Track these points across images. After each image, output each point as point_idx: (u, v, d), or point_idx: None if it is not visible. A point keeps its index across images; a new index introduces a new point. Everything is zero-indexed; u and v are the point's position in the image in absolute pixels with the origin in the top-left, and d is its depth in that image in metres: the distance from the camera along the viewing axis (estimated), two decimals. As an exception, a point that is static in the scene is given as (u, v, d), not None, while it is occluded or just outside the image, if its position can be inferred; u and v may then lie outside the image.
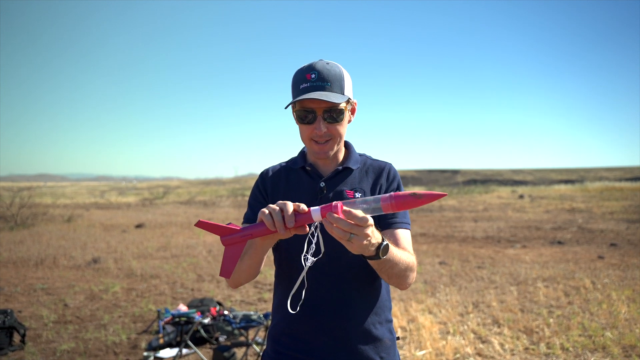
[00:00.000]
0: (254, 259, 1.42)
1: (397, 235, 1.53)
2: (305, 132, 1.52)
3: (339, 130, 1.52)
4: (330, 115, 1.48)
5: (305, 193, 1.57)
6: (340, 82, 1.49)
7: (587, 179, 55.24)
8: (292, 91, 1.53)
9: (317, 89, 1.45)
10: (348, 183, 1.58)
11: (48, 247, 11.44)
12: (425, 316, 5.52)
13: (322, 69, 1.47)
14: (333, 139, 1.52)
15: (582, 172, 69.21)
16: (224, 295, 6.77)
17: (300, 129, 1.55)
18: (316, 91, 1.45)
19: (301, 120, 1.51)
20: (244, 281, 1.51)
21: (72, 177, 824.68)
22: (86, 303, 6.45)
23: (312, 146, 1.54)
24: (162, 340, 4.74)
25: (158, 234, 14.46)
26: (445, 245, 11.32)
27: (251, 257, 1.41)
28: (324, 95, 1.43)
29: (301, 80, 1.48)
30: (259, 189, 1.65)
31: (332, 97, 1.44)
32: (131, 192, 54.45)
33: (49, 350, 4.72)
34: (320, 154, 1.54)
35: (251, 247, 1.40)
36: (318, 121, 1.48)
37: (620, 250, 10.14)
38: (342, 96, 1.47)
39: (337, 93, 1.47)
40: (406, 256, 1.41)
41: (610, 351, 4.36)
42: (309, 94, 1.43)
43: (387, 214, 1.54)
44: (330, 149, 1.54)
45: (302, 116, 1.50)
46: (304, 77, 1.48)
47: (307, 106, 1.48)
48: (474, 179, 63.70)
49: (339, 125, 1.51)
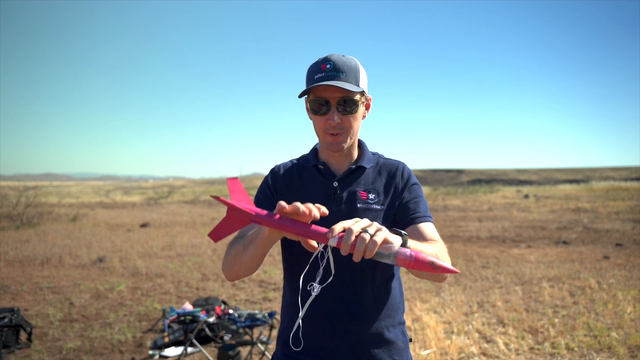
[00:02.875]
0: (258, 251, 1.31)
1: (421, 229, 1.46)
2: (319, 123, 1.49)
3: (352, 123, 1.49)
4: (344, 107, 1.45)
5: (318, 193, 1.54)
6: (356, 74, 1.46)
7: (593, 179, 54.97)
8: (307, 83, 1.50)
9: (331, 78, 1.42)
10: (361, 183, 1.55)
11: (54, 246, 11.50)
12: (430, 316, 5.51)
13: (338, 60, 1.45)
14: (346, 132, 1.49)
15: (588, 171, 68.90)
16: (228, 294, 6.78)
17: (313, 121, 1.53)
18: (330, 80, 1.42)
19: (315, 111, 1.48)
20: (242, 275, 1.43)
21: (77, 177, 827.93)
22: (92, 302, 6.49)
23: (326, 138, 1.50)
24: (167, 339, 4.76)
25: (163, 233, 14.49)
26: (450, 245, 11.29)
27: (255, 249, 1.31)
28: (339, 83, 1.40)
29: (316, 71, 1.46)
30: (268, 185, 1.62)
31: (347, 85, 1.41)
32: (136, 191, 54.59)
33: (55, 348, 4.74)
34: (333, 145, 1.50)
35: (257, 238, 1.29)
36: (332, 112, 1.45)
37: (626, 250, 10.08)
38: (357, 87, 1.44)
39: (352, 83, 1.44)
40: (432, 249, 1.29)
41: (616, 351, 4.34)
42: (324, 82, 1.41)
43: (407, 209, 1.50)
44: (344, 141, 1.50)
45: (315, 107, 1.47)
46: (319, 68, 1.45)
47: (320, 96, 1.45)
48: (479, 179, 63.53)
49: (353, 117, 1.48)
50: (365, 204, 1.51)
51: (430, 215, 1.54)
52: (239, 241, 1.43)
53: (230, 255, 1.45)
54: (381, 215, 1.51)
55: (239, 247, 1.40)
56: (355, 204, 1.50)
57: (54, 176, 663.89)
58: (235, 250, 1.41)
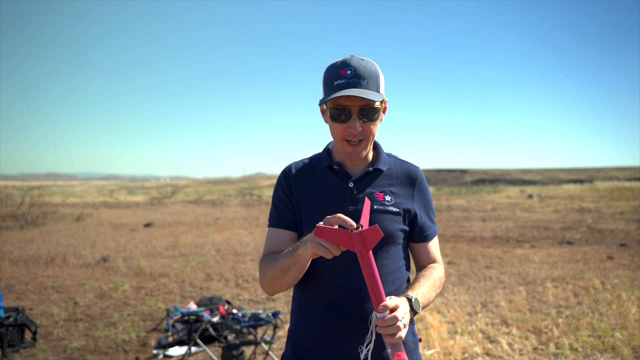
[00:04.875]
0: (299, 274, 1.40)
1: (429, 248, 1.61)
2: (338, 131, 1.46)
3: (373, 130, 1.46)
4: (365, 115, 1.42)
5: (334, 193, 1.52)
6: (376, 80, 1.43)
7: (597, 179, 54.75)
8: (325, 88, 1.46)
9: (353, 85, 1.38)
10: (378, 185, 1.53)
11: (58, 246, 11.55)
12: (434, 315, 5.51)
13: (358, 65, 1.41)
14: (366, 139, 1.47)
15: (592, 171, 68.62)
16: (232, 294, 6.80)
17: (331, 128, 1.49)
18: (352, 88, 1.38)
19: (334, 118, 1.44)
20: (284, 290, 1.50)
21: (81, 176, 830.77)
22: (96, 301, 6.51)
23: (345, 147, 1.48)
24: (171, 339, 4.77)
25: (167, 233, 14.53)
26: (454, 245, 11.28)
27: (297, 273, 1.38)
28: (362, 92, 1.37)
29: (336, 77, 1.41)
30: (282, 188, 1.58)
31: (370, 95, 1.38)
32: (140, 191, 54.73)
33: (59, 347, 4.77)
34: (353, 154, 1.48)
35: (298, 264, 1.35)
36: (353, 120, 1.42)
37: (630, 250, 10.05)
38: (379, 94, 1.42)
39: (373, 91, 1.41)
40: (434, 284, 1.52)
41: (620, 352, 4.33)
42: (346, 91, 1.37)
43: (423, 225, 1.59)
44: (364, 149, 1.48)
45: (335, 114, 1.43)
46: (339, 73, 1.41)
47: (341, 104, 1.41)
48: (483, 179, 63.39)
49: (373, 124, 1.46)
50: (382, 206, 1.50)
51: (436, 224, 1.64)
52: (273, 263, 1.45)
53: (268, 277, 1.48)
54: (397, 218, 1.52)
55: (276, 272, 1.43)
56: (372, 205, 1.49)
57: (58, 176, 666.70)
58: (274, 274, 1.44)
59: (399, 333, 1.23)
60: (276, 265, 1.42)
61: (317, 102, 1.52)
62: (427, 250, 1.62)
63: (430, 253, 1.62)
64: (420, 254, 1.63)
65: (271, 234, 1.57)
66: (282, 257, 1.41)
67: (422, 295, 1.43)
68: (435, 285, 1.52)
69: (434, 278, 1.53)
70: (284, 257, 1.39)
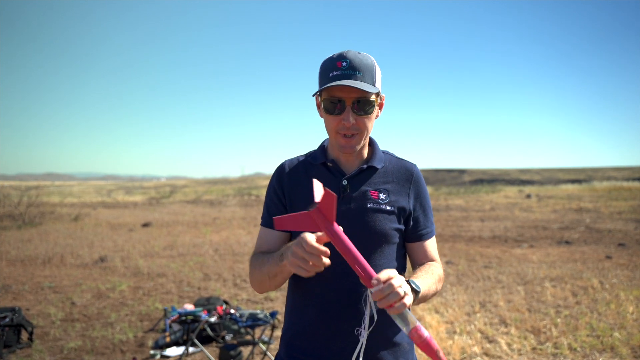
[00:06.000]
0: (284, 280, 1.42)
1: (426, 248, 1.57)
2: (332, 123, 1.44)
3: (367, 124, 1.44)
4: (359, 107, 1.41)
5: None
6: (372, 73, 1.42)
7: (595, 179, 54.84)
8: (320, 80, 1.45)
9: (348, 77, 1.37)
10: (372, 183, 1.51)
11: (55, 246, 11.52)
12: (432, 315, 5.50)
13: (354, 57, 1.40)
14: (360, 133, 1.45)
15: (590, 171, 68.70)
16: (230, 294, 6.78)
17: (325, 120, 1.48)
18: (347, 80, 1.37)
19: (328, 110, 1.43)
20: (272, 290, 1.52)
21: (79, 176, 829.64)
22: (93, 301, 6.49)
23: (339, 140, 1.45)
24: (168, 339, 4.76)
25: (165, 232, 14.51)
26: (452, 245, 11.28)
27: (283, 279, 1.41)
28: (356, 83, 1.36)
29: (331, 68, 1.41)
30: (274, 187, 1.56)
31: (364, 86, 1.37)
32: (138, 191, 54.67)
33: (56, 347, 4.74)
34: (346, 148, 1.46)
35: (284, 272, 1.37)
36: (347, 112, 1.41)
37: (629, 250, 10.06)
38: (374, 87, 1.41)
39: (368, 83, 1.40)
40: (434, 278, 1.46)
41: (619, 351, 4.32)
42: (340, 82, 1.36)
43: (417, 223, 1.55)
44: (357, 144, 1.46)
45: (329, 106, 1.42)
46: (334, 65, 1.40)
47: (335, 95, 1.40)
48: (481, 179, 63.43)
49: (367, 118, 1.44)
50: (376, 204, 1.48)
51: (434, 224, 1.61)
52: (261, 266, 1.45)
53: (256, 278, 1.49)
54: (391, 217, 1.49)
55: (263, 275, 1.43)
56: (365, 203, 1.47)
57: (56, 176, 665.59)
58: (261, 277, 1.45)
59: (403, 300, 1.16)
60: (264, 270, 1.43)
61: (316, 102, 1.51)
62: (424, 250, 1.56)
63: (428, 253, 1.57)
64: (417, 254, 1.58)
65: (262, 233, 1.57)
66: (268, 262, 1.41)
67: (421, 283, 1.37)
68: (434, 279, 1.46)
69: (433, 272, 1.49)
70: (270, 264, 1.39)
